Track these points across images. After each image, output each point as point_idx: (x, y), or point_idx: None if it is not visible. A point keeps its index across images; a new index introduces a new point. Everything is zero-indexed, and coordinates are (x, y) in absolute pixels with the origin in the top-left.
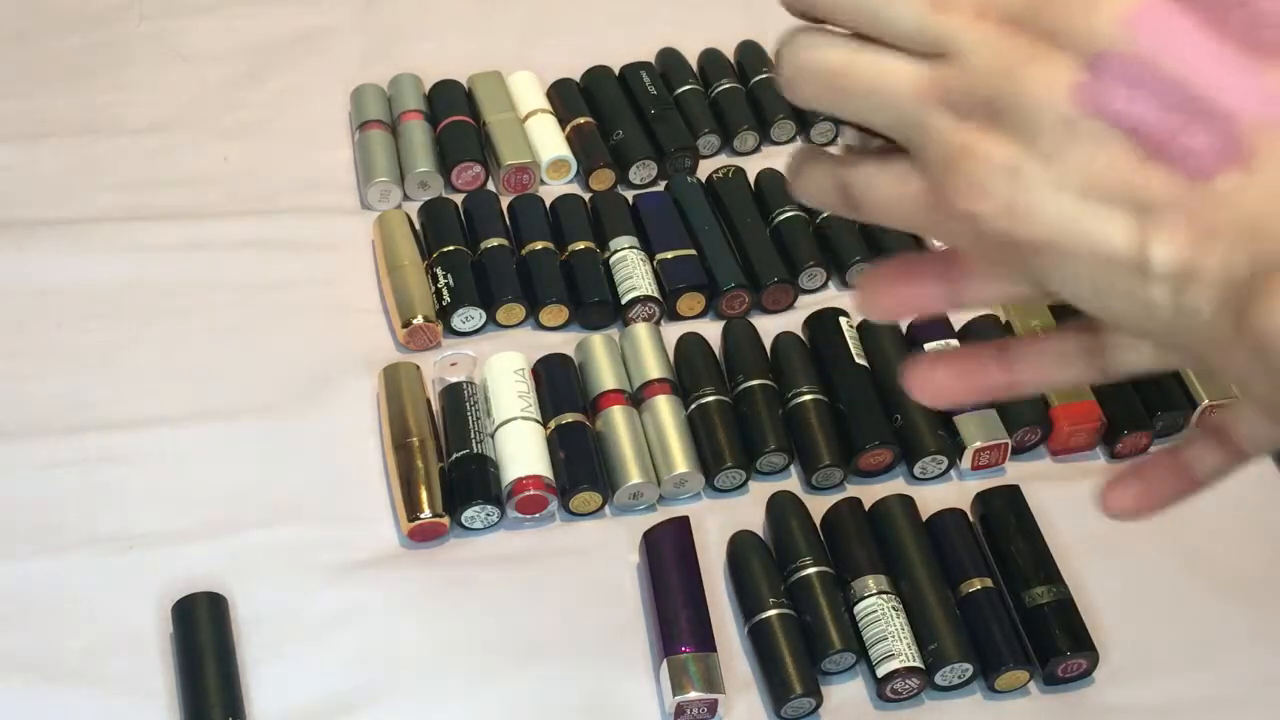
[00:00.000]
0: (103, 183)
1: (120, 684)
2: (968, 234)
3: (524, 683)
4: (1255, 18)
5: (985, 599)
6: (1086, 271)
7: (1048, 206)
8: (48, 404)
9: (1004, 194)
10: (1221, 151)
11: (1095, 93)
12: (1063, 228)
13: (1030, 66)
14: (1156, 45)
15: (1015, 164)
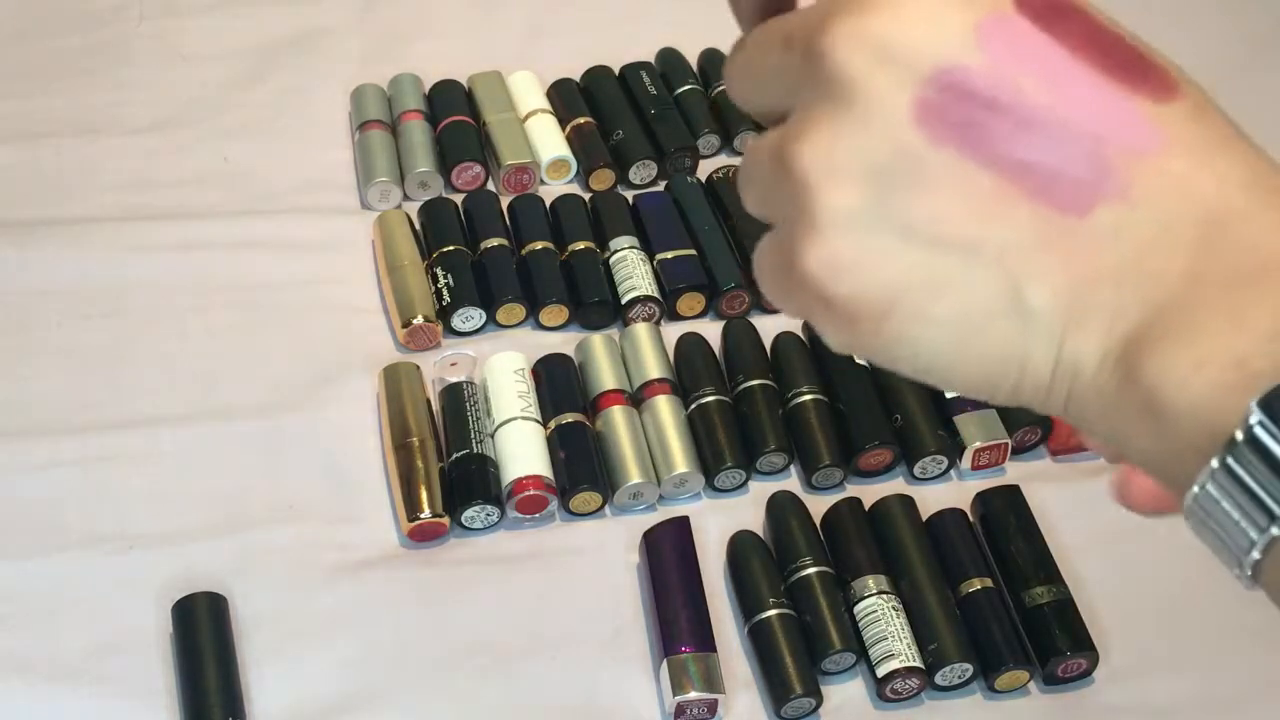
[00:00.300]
0: (103, 183)
1: (120, 684)
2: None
3: (524, 683)
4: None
5: (985, 599)
6: (947, 335)
7: (893, 257)
8: (48, 404)
9: (842, 247)
10: (1096, 182)
11: (942, 113)
12: (912, 281)
13: (868, 85)
14: (1010, 60)
15: (852, 208)
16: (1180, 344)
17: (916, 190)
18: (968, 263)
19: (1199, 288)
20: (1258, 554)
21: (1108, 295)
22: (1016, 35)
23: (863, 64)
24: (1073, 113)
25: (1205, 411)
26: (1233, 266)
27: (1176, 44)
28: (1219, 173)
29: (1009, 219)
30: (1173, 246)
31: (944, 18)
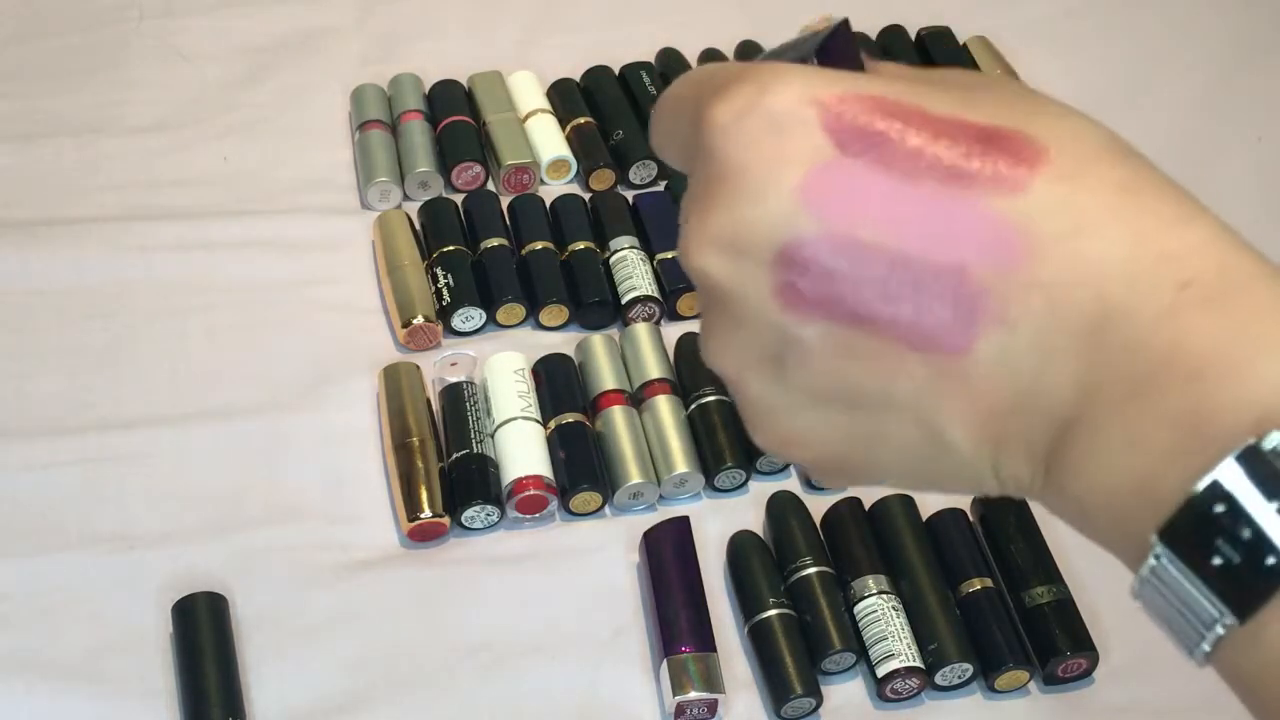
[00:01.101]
0: (103, 183)
1: (120, 684)
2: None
3: (524, 683)
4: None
5: (985, 599)
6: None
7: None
8: (48, 404)
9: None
10: (968, 316)
11: (800, 290)
12: (848, 441)
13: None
14: (842, 214)
15: (764, 395)
16: (1090, 467)
17: (809, 365)
18: (885, 417)
19: (1094, 406)
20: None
21: (1015, 424)
22: (840, 184)
23: (720, 268)
24: (923, 249)
25: (1120, 536)
26: (1123, 375)
27: (1176, 44)
28: (1092, 263)
29: (902, 370)
30: (1061, 364)
31: (767, 192)
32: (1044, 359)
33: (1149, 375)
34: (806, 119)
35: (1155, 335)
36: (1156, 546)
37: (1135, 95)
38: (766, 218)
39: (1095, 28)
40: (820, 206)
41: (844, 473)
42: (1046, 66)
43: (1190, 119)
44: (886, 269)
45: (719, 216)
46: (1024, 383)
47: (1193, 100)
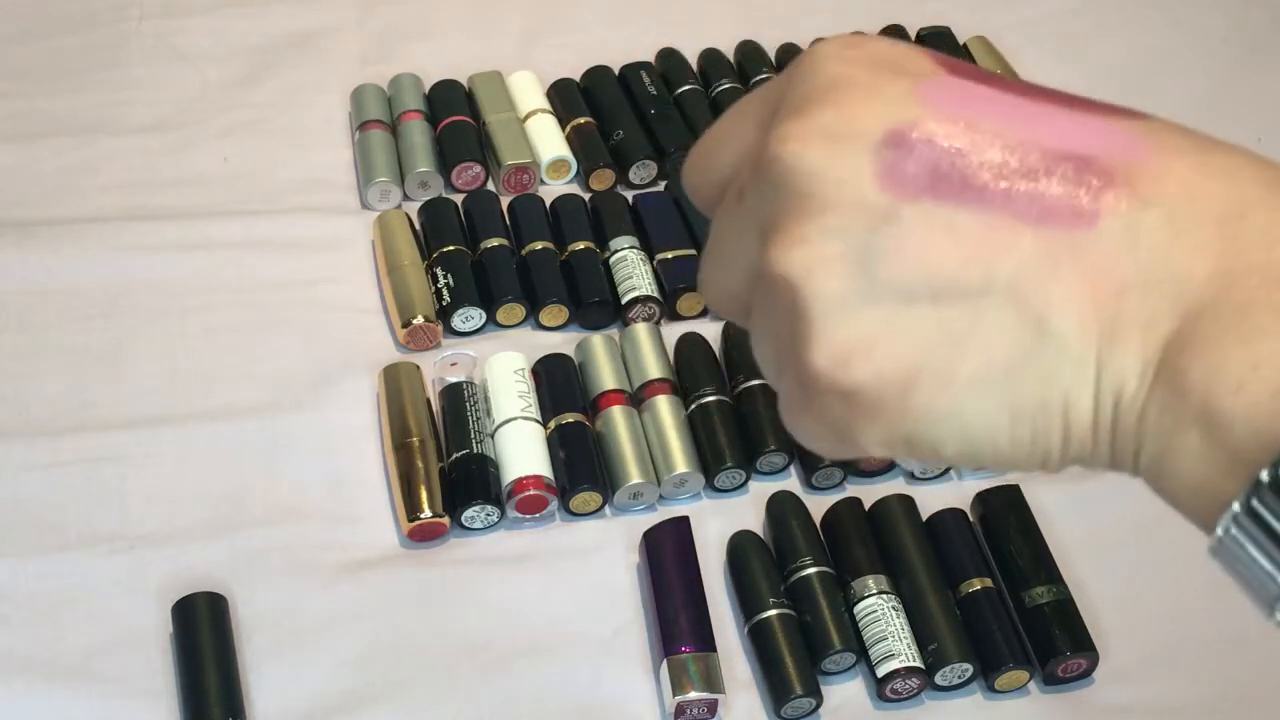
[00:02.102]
0: (103, 183)
1: (120, 684)
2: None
3: (524, 683)
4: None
5: (985, 599)
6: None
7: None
8: (48, 404)
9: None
10: (1096, 190)
11: (904, 170)
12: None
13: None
14: (959, 105)
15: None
16: (1229, 345)
17: (901, 251)
18: (980, 307)
19: (1235, 286)
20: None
21: (1136, 304)
22: (959, 90)
23: (813, 154)
24: (1050, 134)
25: (1260, 417)
26: (1266, 261)
27: (1176, 44)
28: (1222, 168)
29: (1011, 250)
30: (1195, 245)
31: (880, 91)
32: (1175, 236)
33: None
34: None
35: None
36: None
37: (1135, 95)
38: (876, 106)
39: (1095, 28)
40: (937, 99)
41: (904, 397)
42: (1046, 66)
43: (1190, 119)
44: (1004, 151)
45: (819, 113)
46: (1151, 259)
47: (1193, 100)
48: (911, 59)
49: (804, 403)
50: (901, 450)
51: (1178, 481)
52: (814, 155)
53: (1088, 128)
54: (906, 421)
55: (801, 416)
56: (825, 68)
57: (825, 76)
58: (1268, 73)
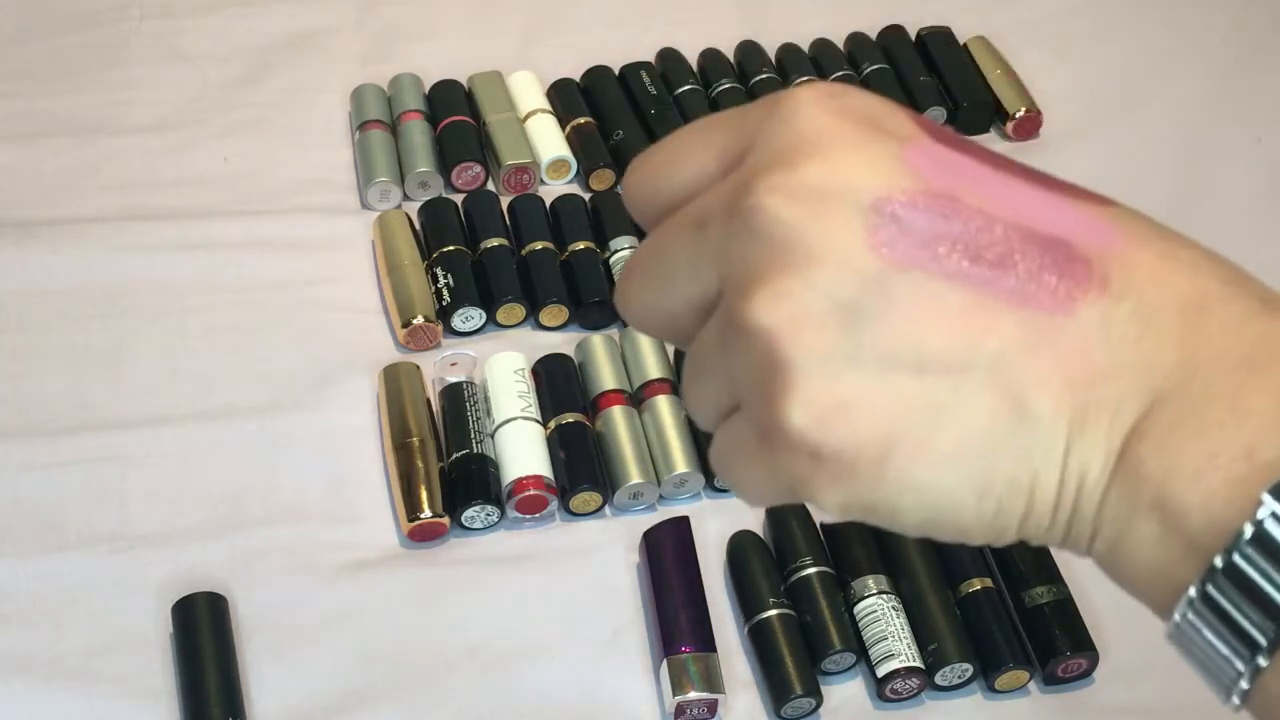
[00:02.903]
0: (103, 183)
1: (120, 684)
2: (804, 467)
3: (524, 683)
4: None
5: (985, 599)
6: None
7: (882, 391)
8: (48, 404)
9: (826, 392)
10: (1075, 279)
11: (896, 238)
12: (908, 412)
13: (812, 227)
14: (946, 178)
15: (827, 348)
16: (1187, 436)
17: (890, 318)
18: (962, 384)
19: (1196, 377)
20: (1264, 660)
21: (1107, 391)
22: (942, 158)
23: (801, 210)
24: (1030, 216)
25: (1215, 505)
26: (1223, 352)
27: (1176, 44)
28: (1185, 260)
29: (994, 330)
30: (1161, 335)
31: (868, 151)
32: (1144, 328)
33: (1250, 353)
34: (898, 109)
35: (1254, 321)
36: (1265, 505)
37: (1135, 95)
38: (866, 170)
39: (1096, 28)
40: (923, 167)
41: (879, 464)
42: (1046, 66)
43: (1190, 119)
44: (990, 231)
45: (807, 168)
46: (1121, 350)
47: (1193, 100)
48: (892, 118)
49: (758, 453)
50: (857, 514)
51: (1134, 567)
52: (802, 211)
53: (1062, 211)
54: (875, 488)
55: (750, 465)
56: (808, 116)
57: (809, 126)
58: (1268, 73)
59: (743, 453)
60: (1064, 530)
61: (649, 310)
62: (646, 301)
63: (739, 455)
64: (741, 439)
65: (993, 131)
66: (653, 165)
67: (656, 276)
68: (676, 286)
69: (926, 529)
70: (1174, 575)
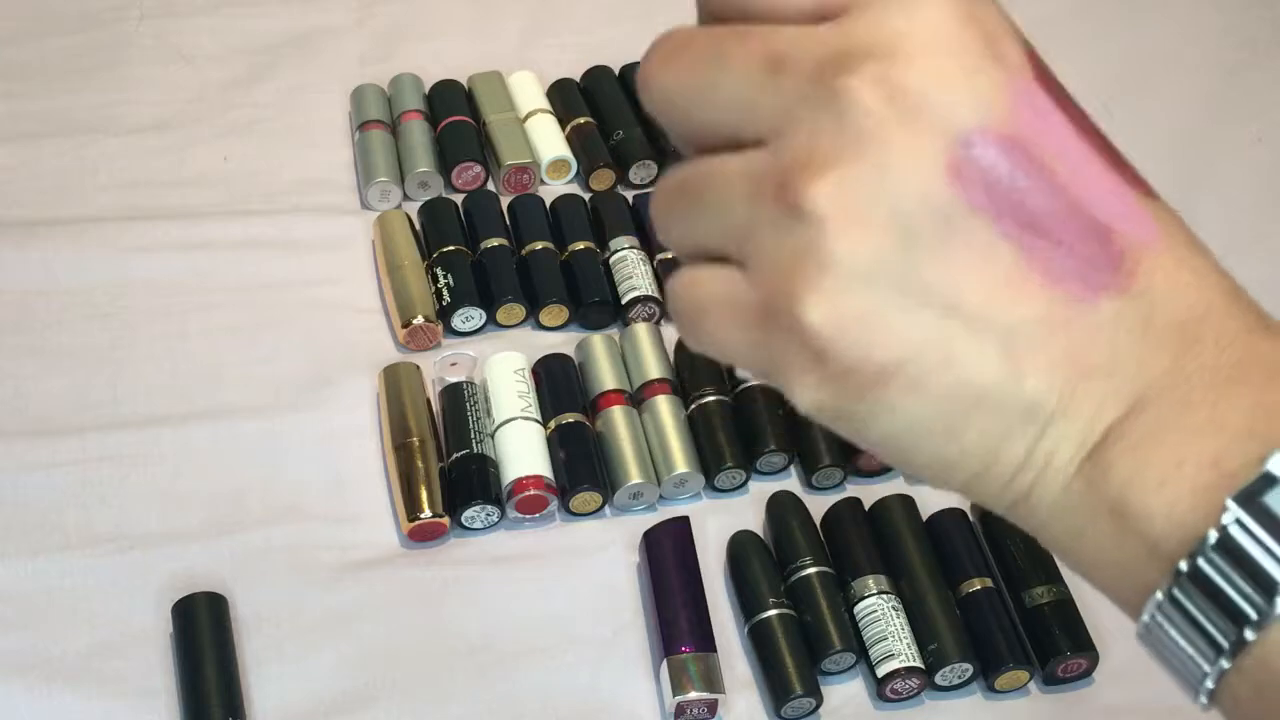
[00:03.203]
0: (103, 183)
1: (120, 684)
2: (800, 360)
3: (524, 683)
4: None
5: (985, 599)
6: (934, 411)
7: (907, 318)
8: (48, 404)
9: (857, 302)
10: (1107, 270)
11: (974, 176)
12: (921, 346)
13: (901, 134)
14: (1038, 133)
15: (874, 259)
16: (1159, 444)
17: (941, 251)
18: (977, 337)
19: (1180, 386)
20: (1226, 662)
21: (1099, 386)
22: (1043, 109)
23: (894, 112)
24: (1089, 196)
25: (1179, 512)
26: (1212, 365)
27: (1176, 44)
28: (1198, 269)
29: (1026, 300)
30: (1162, 342)
31: (977, 79)
32: (1148, 330)
33: (1235, 368)
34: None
35: (1243, 338)
36: (1229, 511)
37: (1135, 95)
38: (970, 97)
39: (1095, 27)
40: (1024, 114)
41: (871, 386)
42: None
43: (1190, 119)
44: (1057, 202)
45: (913, 70)
46: (1124, 349)
47: (1193, 100)
48: (1011, 44)
49: (751, 322)
50: (825, 417)
51: (1094, 563)
52: (898, 113)
53: (1119, 196)
54: (857, 401)
55: (733, 328)
56: (930, 8)
57: (933, 20)
58: (1268, 73)
59: (731, 314)
60: (1014, 500)
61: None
62: (679, 98)
63: (724, 313)
64: (735, 300)
65: None
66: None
67: (703, 87)
68: (721, 108)
69: (883, 447)
70: (1141, 577)
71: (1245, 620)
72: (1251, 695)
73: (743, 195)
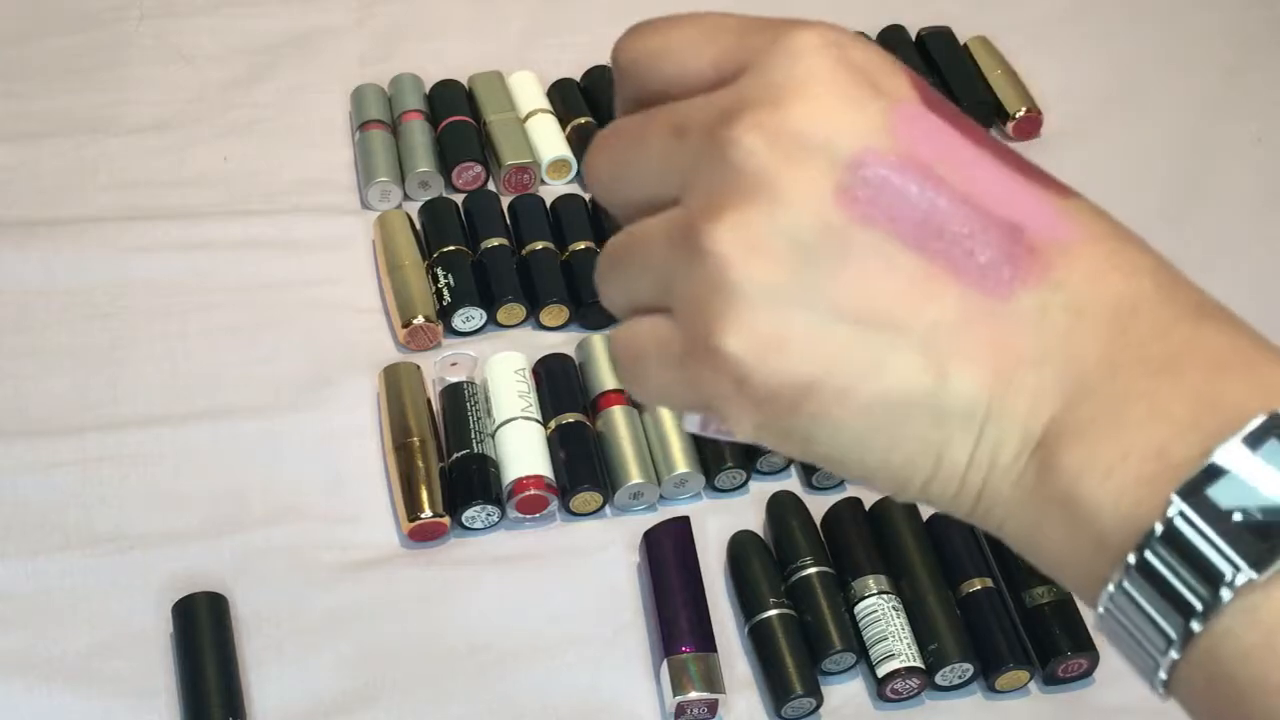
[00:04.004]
0: (103, 183)
1: (120, 684)
2: (727, 389)
3: (524, 683)
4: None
5: (985, 599)
6: (867, 420)
7: (820, 334)
8: (48, 404)
9: (768, 325)
10: (1019, 265)
11: (863, 196)
12: (839, 359)
13: (787, 170)
14: (925, 147)
15: (778, 283)
16: (1102, 436)
17: (843, 268)
18: (895, 343)
19: (1118, 376)
20: (1175, 654)
21: (1030, 379)
22: (926, 125)
23: (780, 152)
24: (991, 198)
25: (1126, 505)
26: (1148, 355)
27: (1176, 44)
28: (1129, 261)
29: (936, 300)
30: (1091, 332)
31: (857, 107)
32: (1075, 321)
33: (1173, 357)
34: (897, 68)
35: (1180, 327)
36: (1173, 505)
37: (1135, 95)
38: (850, 124)
39: (1096, 28)
40: (906, 132)
41: (798, 401)
42: (1047, 66)
43: (1190, 119)
44: (952, 205)
45: (794, 112)
46: (1051, 344)
47: (1193, 100)
48: (890, 76)
49: (679, 363)
50: (769, 439)
51: (1050, 556)
52: (780, 154)
53: (1025, 196)
54: (790, 418)
55: (665, 371)
56: (808, 57)
57: (806, 68)
58: (1267, 73)
59: (661, 357)
60: (971, 503)
61: (605, 180)
62: (610, 178)
63: (656, 359)
64: (663, 344)
65: (993, 131)
66: (649, 50)
67: (626, 164)
68: (642, 179)
69: (834, 465)
70: (1092, 569)
71: (1191, 612)
72: (1204, 685)
73: (661, 248)
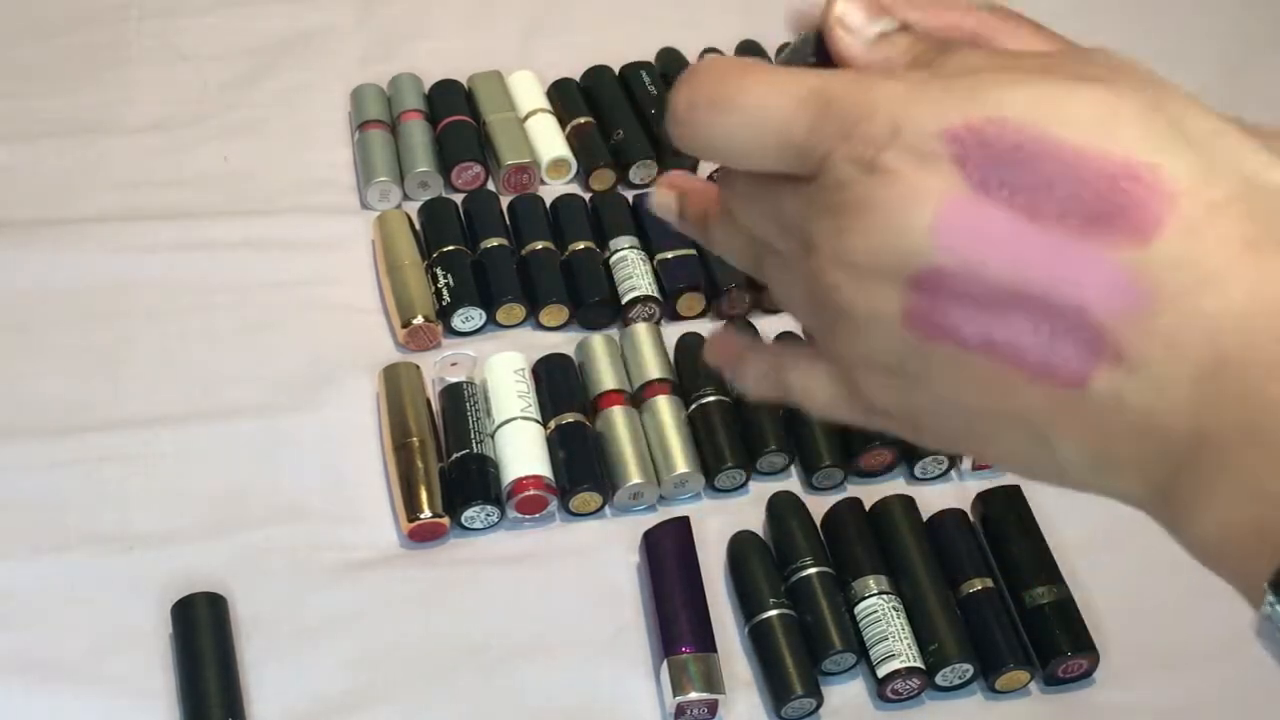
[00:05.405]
0: (103, 183)
1: (120, 684)
2: None
3: (524, 683)
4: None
5: (985, 599)
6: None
7: (937, 418)
8: (48, 404)
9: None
10: (1087, 352)
11: (928, 316)
12: (964, 435)
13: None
14: (972, 250)
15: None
16: (1203, 507)
17: (930, 381)
18: (999, 425)
19: (1207, 450)
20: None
21: (1131, 450)
22: (971, 222)
23: (851, 287)
24: (1046, 289)
25: (1240, 573)
26: (1237, 422)
27: (1177, 43)
28: (1210, 317)
29: (1018, 395)
30: (1174, 407)
31: (904, 223)
32: (1158, 398)
33: (1263, 425)
34: (939, 154)
35: (1268, 387)
36: (1270, 595)
37: None
38: (901, 248)
39: (1095, 28)
40: (952, 242)
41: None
42: None
43: None
44: (1011, 304)
45: (853, 241)
46: (1137, 419)
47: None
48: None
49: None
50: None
51: None
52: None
53: (1088, 269)
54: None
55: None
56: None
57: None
58: (1268, 72)
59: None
60: None
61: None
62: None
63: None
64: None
65: None
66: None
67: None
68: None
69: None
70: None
71: None
72: None
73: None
